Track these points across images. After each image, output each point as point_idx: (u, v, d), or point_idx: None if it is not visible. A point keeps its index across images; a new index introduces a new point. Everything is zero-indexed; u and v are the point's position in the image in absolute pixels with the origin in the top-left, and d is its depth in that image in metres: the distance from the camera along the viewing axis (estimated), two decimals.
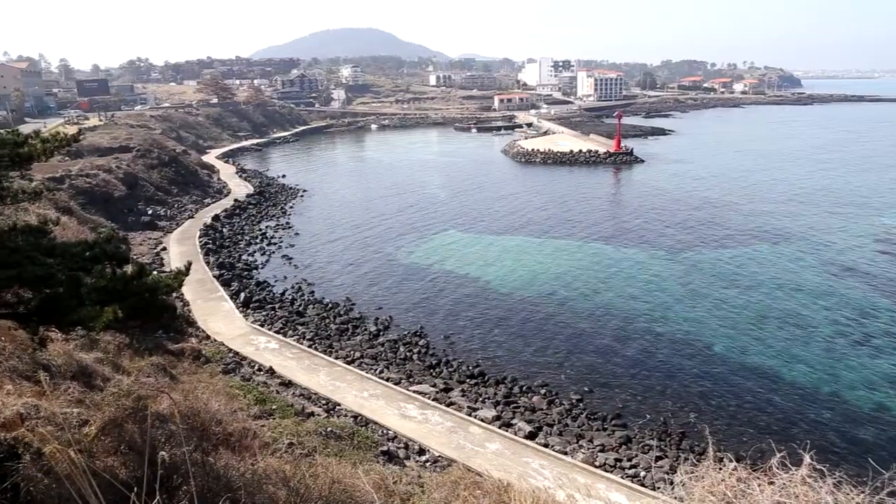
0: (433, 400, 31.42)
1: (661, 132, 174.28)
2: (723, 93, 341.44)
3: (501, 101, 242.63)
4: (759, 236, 66.13)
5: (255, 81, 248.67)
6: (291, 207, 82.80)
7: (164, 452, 7.03)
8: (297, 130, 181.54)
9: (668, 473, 25.96)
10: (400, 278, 54.15)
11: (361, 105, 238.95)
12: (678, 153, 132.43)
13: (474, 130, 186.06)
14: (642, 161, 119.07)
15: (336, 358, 36.42)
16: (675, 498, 7.03)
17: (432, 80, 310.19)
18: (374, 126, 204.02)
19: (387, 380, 33.63)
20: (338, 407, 29.72)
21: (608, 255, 59.93)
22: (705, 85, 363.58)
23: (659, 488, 24.36)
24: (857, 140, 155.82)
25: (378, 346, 39.98)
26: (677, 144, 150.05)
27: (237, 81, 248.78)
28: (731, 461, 6.65)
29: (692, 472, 6.78)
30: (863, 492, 6.31)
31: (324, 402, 30.15)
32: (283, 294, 49.59)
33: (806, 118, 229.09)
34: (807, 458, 6.36)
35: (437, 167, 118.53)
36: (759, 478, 6.40)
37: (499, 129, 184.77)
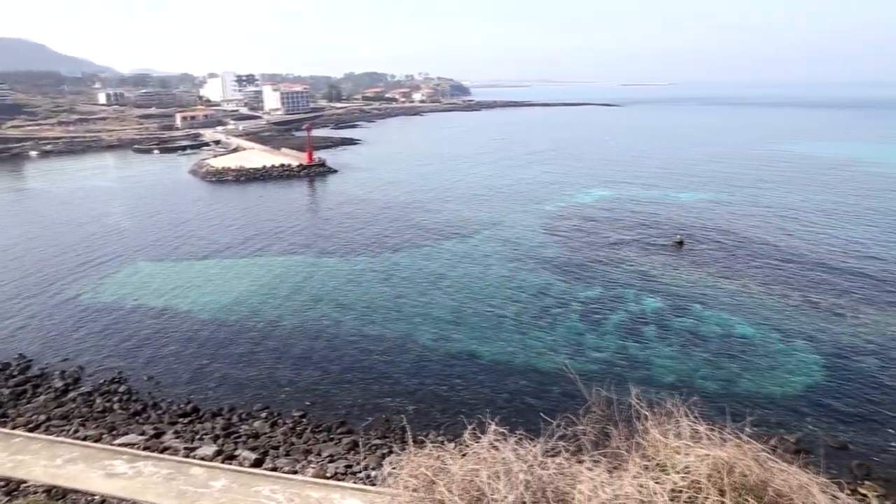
0: (144, 449, 28.81)
1: (351, 142, 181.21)
2: (403, 102, 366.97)
3: (184, 118, 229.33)
4: (449, 232, 72.50)
5: None
6: None
7: None
8: None
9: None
10: (86, 322, 48.14)
11: (13, 129, 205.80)
12: (369, 161, 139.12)
13: (157, 151, 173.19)
14: (335, 171, 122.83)
15: (14, 427, 31.23)
16: (387, 487, 7.42)
17: (102, 98, 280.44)
18: (33, 153, 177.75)
19: (84, 439, 29.84)
20: (23, 485, 25.47)
21: (312, 267, 60.46)
22: (387, 95, 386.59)
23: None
24: (518, 140, 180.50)
25: (69, 402, 35.27)
26: (367, 153, 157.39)
27: None
28: (430, 443, 7.23)
29: (397, 462, 7.21)
30: (539, 442, 7.33)
31: (2, 484, 25.57)
32: None
33: (476, 122, 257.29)
34: (492, 426, 7.21)
35: (117, 194, 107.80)
36: (454, 452, 7.06)
37: (184, 148, 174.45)
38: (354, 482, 26.11)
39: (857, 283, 52.17)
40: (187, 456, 28.26)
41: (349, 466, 27.88)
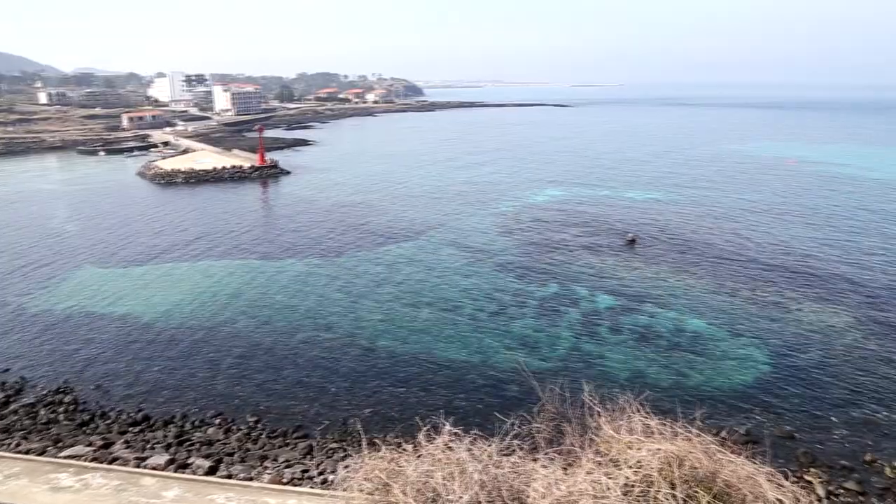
0: (92, 461, 27.86)
1: (304, 143, 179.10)
2: (357, 103, 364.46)
3: (131, 119, 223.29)
4: (403, 233, 72.30)
5: None
6: None
7: None
8: None
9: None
10: (29, 330, 46.40)
11: None
12: (322, 162, 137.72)
13: (102, 153, 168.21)
14: (289, 172, 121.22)
15: None
16: (342, 491, 7.32)
17: (43, 97, 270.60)
18: None
19: (27, 452, 28.73)
20: None
21: (265, 271, 59.54)
22: (341, 96, 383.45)
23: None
24: (472, 141, 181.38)
25: (10, 415, 33.98)
26: (320, 154, 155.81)
27: None
28: (385, 446, 7.17)
29: (351, 466, 7.13)
30: (493, 441, 7.34)
31: None
32: None
33: (429, 123, 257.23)
34: (447, 426, 7.18)
35: (60, 197, 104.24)
36: (409, 454, 7.01)
37: (132, 150, 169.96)
38: (311, 487, 25.78)
39: (800, 280, 53.99)
40: (138, 466, 27.47)
41: (305, 471, 27.55)
